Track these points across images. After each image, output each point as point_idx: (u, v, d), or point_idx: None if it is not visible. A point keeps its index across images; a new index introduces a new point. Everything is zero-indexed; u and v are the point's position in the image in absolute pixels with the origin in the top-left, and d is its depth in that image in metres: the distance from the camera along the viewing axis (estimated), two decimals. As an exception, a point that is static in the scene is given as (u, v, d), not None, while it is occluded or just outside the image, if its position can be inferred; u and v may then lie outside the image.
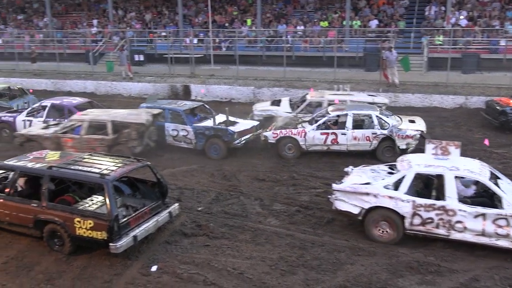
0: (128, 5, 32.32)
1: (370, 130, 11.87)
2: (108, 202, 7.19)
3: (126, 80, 21.65)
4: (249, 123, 13.37)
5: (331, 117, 12.33)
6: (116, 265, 7.31)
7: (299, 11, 27.17)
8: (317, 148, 12.16)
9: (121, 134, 11.90)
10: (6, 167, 8.51)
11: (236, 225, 8.58)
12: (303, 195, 9.92)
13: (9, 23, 33.57)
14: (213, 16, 26.90)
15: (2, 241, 8.08)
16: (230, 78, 20.77)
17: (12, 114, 14.91)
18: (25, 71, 24.79)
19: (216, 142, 12.43)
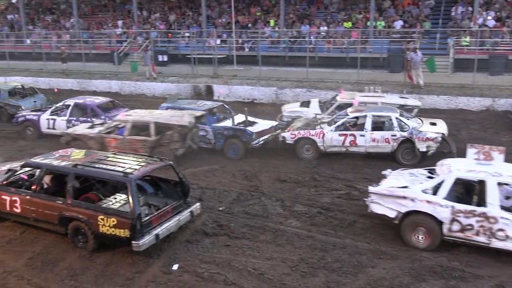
0: (152, 6, 32.67)
1: (390, 132, 11.73)
2: (131, 200, 7.28)
3: (150, 80, 21.90)
4: (268, 123, 13.37)
5: (350, 119, 12.23)
6: (138, 263, 7.39)
7: (323, 11, 27.02)
8: (335, 149, 12.09)
9: (163, 135, 11.80)
10: (33, 164, 8.68)
11: (257, 226, 8.59)
12: (325, 197, 9.86)
13: (37, 24, 34.30)
14: (236, 17, 26.99)
15: (28, 237, 8.26)
16: (252, 78, 20.79)
17: (37, 112, 15.27)
18: (52, 70, 25.30)
19: (235, 142, 12.48)
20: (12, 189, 8.43)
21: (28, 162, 8.84)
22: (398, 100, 13.94)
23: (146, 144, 11.83)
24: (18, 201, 8.24)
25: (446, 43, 21.11)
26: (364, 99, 13.74)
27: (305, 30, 24.66)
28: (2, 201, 8.42)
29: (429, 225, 7.65)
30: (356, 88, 17.67)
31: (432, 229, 7.64)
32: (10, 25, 34.76)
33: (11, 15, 36.44)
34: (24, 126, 15.11)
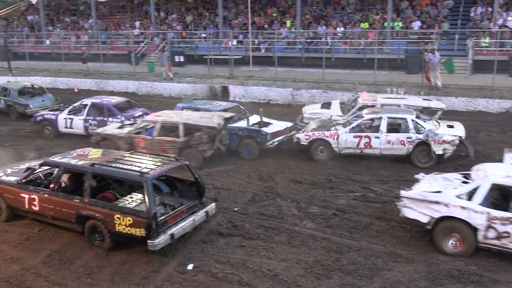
0: (169, 7, 32.87)
1: (405, 134, 11.57)
2: (147, 200, 7.33)
3: (167, 81, 22.05)
4: (283, 124, 13.36)
5: (365, 120, 12.13)
6: (154, 262, 7.44)
7: (339, 12, 26.90)
8: (349, 151, 11.98)
9: (192, 137, 11.72)
10: (51, 163, 8.80)
11: (272, 227, 8.57)
12: (340, 199, 9.81)
13: (57, 25, 34.79)
14: (253, 18, 27.02)
15: (46, 235, 8.38)
16: (268, 79, 20.79)
17: (54, 112, 15.50)
18: (71, 71, 25.63)
19: (249, 143, 12.46)
20: (31, 187, 8.56)
21: (46, 160, 8.97)
22: (421, 102, 13.72)
23: (175, 145, 11.78)
24: (37, 199, 8.37)
25: (465, 44, 20.84)
26: (386, 101, 13.53)
27: (321, 31, 24.58)
28: (21, 199, 8.55)
29: (463, 231, 7.44)
30: (373, 89, 17.57)
31: (466, 235, 7.43)
32: (30, 26, 35.30)
33: (31, 16, 37.02)
34: (42, 125, 15.36)
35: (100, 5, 35.55)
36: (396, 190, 10.03)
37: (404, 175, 10.97)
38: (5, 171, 9.46)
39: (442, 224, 7.61)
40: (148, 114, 14.84)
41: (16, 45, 31.49)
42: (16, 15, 39.89)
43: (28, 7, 40.68)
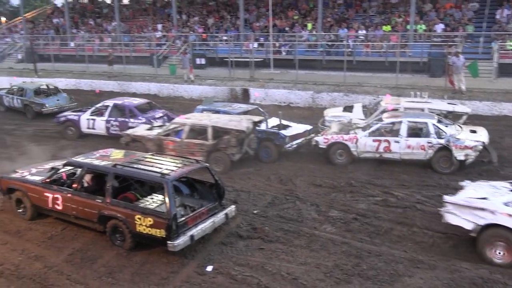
0: (191, 9, 33.14)
1: (426, 139, 11.36)
2: (167, 201, 7.39)
3: (188, 83, 22.21)
4: (302, 127, 13.34)
5: (385, 124, 11.98)
6: (173, 263, 7.49)
7: (361, 15, 26.71)
8: (368, 155, 11.85)
9: (220, 140, 11.67)
10: (74, 163, 8.95)
11: (291, 230, 8.54)
12: (361, 203, 9.72)
13: (81, 27, 35.40)
14: (274, 21, 27.03)
15: (68, 234, 8.52)
16: (289, 82, 20.75)
17: (77, 113, 15.79)
18: (94, 72, 26.05)
19: (268, 145, 12.43)
20: (54, 187, 8.72)
21: (70, 161, 9.12)
22: (445, 106, 13.43)
23: (203, 148, 11.76)
24: (60, 199, 8.52)
25: (490, 47, 20.45)
26: (409, 104, 13.31)
27: (343, 34, 24.44)
28: (44, 198, 8.72)
29: (510, 240, 7.22)
30: (395, 92, 17.37)
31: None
32: (55, 28, 36.01)
33: (56, 19, 37.76)
34: (65, 126, 15.65)
35: (123, 8, 36.07)
36: (418, 195, 9.95)
37: (426, 180, 10.83)
38: (30, 170, 9.66)
39: (488, 232, 7.36)
40: (168, 116, 15.01)
41: (42, 47, 32.14)
42: (42, 18, 40.76)
43: (53, 10, 41.53)
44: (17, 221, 9.04)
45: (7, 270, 7.35)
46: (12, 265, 7.50)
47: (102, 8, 38.69)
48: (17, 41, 34.99)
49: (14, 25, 40.96)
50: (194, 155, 10.98)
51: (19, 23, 38.97)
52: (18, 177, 9.32)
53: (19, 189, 9.12)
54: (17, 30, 38.59)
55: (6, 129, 16.94)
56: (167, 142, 12.26)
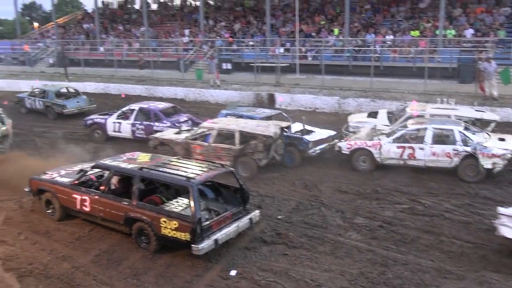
0: (218, 15, 33.43)
1: (451, 146, 11.14)
2: (192, 204, 7.44)
3: (214, 88, 22.34)
4: (326, 132, 13.28)
5: (410, 131, 11.79)
6: (197, 266, 7.52)
7: (389, 20, 26.44)
8: (392, 162, 11.71)
9: (247, 145, 11.66)
10: (102, 166, 9.10)
11: (315, 236, 8.48)
12: (387, 210, 9.58)
13: (110, 33, 36.10)
14: (300, 26, 26.99)
15: (95, 235, 8.66)
16: (315, 87, 20.67)
17: (104, 116, 16.08)
18: (122, 77, 26.50)
19: (291, 150, 12.38)
20: (82, 189, 8.88)
21: (98, 163, 9.28)
22: (473, 113, 13.15)
23: (230, 152, 11.78)
24: (88, 201, 8.67)
25: (523, 53, 19.96)
26: (436, 111, 13.10)
27: (370, 39, 24.23)
28: (73, 199, 8.89)
29: None
30: (423, 99, 17.10)
31: None
32: (86, 33, 36.83)
33: (87, 24, 38.63)
34: (92, 129, 15.97)
35: (151, 14, 36.63)
36: (446, 203, 9.76)
37: (455, 188, 10.62)
38: (59, 172, 9.86)
39: None
40: (193, 120, 15.14)
41: (72, 52, 32.89)
42: (73, 23, 41.75)
43: (84, 16, 42.52)
44: (46, 222, 9.23)
45: (36, 270, 7.51)
46: (40, 265, 7.66)
47: (131, 13, 39.38)
48: (49, 45, 35.92)
49: (46, 30, 42.08)
50: (221, 160, 11.03)
51: (51, 28, 40.02)
52: (47, 179, 9.53)
53: (48, 190, 9.32)
54: (49, 35, 39.61)
55: (37, 132, 17.36)
56: (194, 146, 12.33)
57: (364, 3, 28.53)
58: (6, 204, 10.10)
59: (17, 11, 41.49)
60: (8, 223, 9.19)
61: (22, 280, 7.22)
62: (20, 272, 7.41)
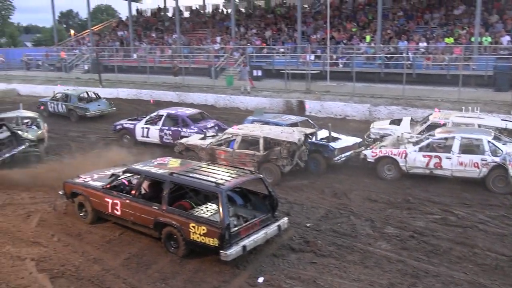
0: (249, 22, 33.66)
1: (480, 156, 10.88)
2: (221, 210, 7.47)
3: (244, 94, 22.42)
4: (352, 140, 13.23)
5: (437, 139, 11.60)
6: (225, 272, 7.53)
7: (422, 27, 26.03)
8: (418, 171, 11.52)
9: (271, 151, 11.71)
10: (133, 170, 9.25)
11: (344, 245, 8.38)
12: (418, 220, 9.38)
13: (144, 40, 36.82)
14: (331, 33, 26.88)
15: (126, 239, 8.79)
16: (345, 94, 20.51)
17: (133, 122, 16.41)
18: (154, 83, 26.94)
19: (316, 157, 12.33)
20: (114, 193, 9.04)
21: (129, 168, 9.43)
22: (498, 123, 12.94)
23: (254, 158, 11.82)
24: (119, 204, 8.82)
25: (563, 61, 19.30)
26: (459, 119, 12.97)
27: (402, 46, 23.90)
28: (105, 203, 9.06)
29: None
30: (457, 107, 16.72)
31: None
32: (120, 40, 37.68)
33: (121, 32, 39.52)
34: (121, 134, 16.33)
35: (184, 21, 37.20)
36: (480, 214, 9.49)
37: (489, 199, 10.33)
38: (92, 176, 10.08)
39: None
40: (219, 126, 15.29)
41: (107, 58, 33.69)
42: (108, 31, 42.83)
43: (118, 23, 43.55)
44: (78, 224, 9.44)
45: (68, 271, 7.67)
46: (72, 266, 7.82)
47: (164, 21, 40.09)
48: (84, 52, 36.92)
49: (82, 37, 43.30)
50: (245, 166, 11.10)
51: (87, 36, 41.14)
52: (81, 182, 9.76)
53: (81, 194, 9.53)
54: (85, 42, 40.72)
55: (71, 136, 17.81)
56: (219, 151, 12.43)
57: (397, 10, 28.21)
58: (41, 206, 10.40)
59: (55, 19, 42.79)
60: (42, 225, 9.44)
61: (55, 281, 7.38)
62: (53, 273, 7.58)
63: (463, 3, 26.13)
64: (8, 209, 10.29)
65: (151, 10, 44.73)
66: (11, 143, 13.06)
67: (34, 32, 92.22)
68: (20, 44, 73.20)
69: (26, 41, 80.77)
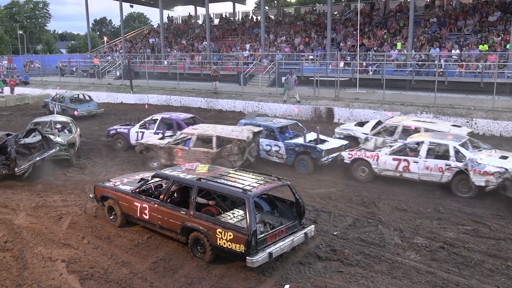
0: (279, 29, 33.74)
1: (444, 161, 11.21)
2: (248, 216, 7.47)
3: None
4: (338, 142, 13.97)
5: (409, 144, 11.97)
6: (251, 279, 7.51)
7: (455, 34, 25.55)
8: (389, 173, 12.02)
9: (223, 148, 12.83)
10: (162, 175, 9.37)
11: (372, 254, 8.25)
12: (449, 231, 9.16)
13: (174, 47, 37.36)
14: (362, 40, 26.67)
15: (153, 243, 8.89)
16: (375, 102, 20.29)
17: (126, 126, 16.78)
18: (184, 89, 27.29)
19: (305, 158, 13.18)
20: (143, 197, 9.17)
21: (158, 173, 9.56)
22: (445, 128, 13.35)
23: (208, 155, 12.87)
24: (147, 209, 8.94)
25: None
26: (410, 123, 13.73)
27: (434, 53, 23.49)
28: (134, 207, 9.20)
29: None
30: (491, 115, 16.35)
31: None
32: (151, 47, 38.35)
33: (152, 39, 40.22)
34: (115, 139, 16.68)
35: (214, 28, 37.57)
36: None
37: (524, 211, 10.00)
38: (122, 180, 10.26)
39: None
40: None
41: (138, 65, 34.33)
42: (139, 38, 43.66)
43: (150, 31, 44.37)
44: (108, 227, 9.61)
45: (97, 273, 7.80)
46: (101, 269, 7.95)
47: (194, 28, 40.61)
48: (116, 59, 37.73)
49: (114, 44, 44.29)
50: (200, 162, 12.03)
51: (119, 42, 42.05)
52: (111, 186, 9.94)
53: (111, 197, 9.70)
54: (117, 49, 41.62)
55: (103, 141, 18.15)
56: (176, 150, 13.38)
57: (430, 16, 27.79)
58: (72, 209, 10.64)
59: (89, 26, 43.94)
60: (73, 227, 9.65)
61: (84, 282, 7.52)
62: (82, 275, 7.73)
63: (499, 9, 25.54)
64: (41, 211, 10.57)
65: (182, 17, 45.44)
66: (42, 147, 13.42)
67: (69, 39, 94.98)
68: (56, 51, 75.52)
69: (61, 48, 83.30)
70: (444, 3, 29.31)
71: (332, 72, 24.44)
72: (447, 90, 21.10)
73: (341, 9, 35.23)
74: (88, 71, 37.93)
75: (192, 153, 13.06)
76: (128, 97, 28.22)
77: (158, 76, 32.70)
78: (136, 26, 68.61)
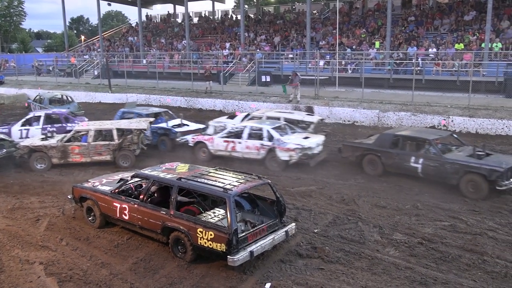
0: (258, 28, 33.76)
1: (259, 142, 13.52)
2: (229, 215, 7.46)
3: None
4: (196, 126, 16.42)
5: (235, 129, 14.39)
6: (232, 278, 7.51)
7: (432, 33, 25.97)
8: (222, 153, 14.21)
9: (125, 139, 14.03)
10: (141, 175, 9.29)
11: (352, 251, 8.33)
12: (427, 227, 9.30)
13: (153, 45, 37.06)
14: (340, 39, 26.87)
15: (133, 243, 8.81)
16: (354, 100, 20.48)
17: (5, 126, 16.66)
18: (163, 88, 27.10)
19: (165, 139, 15.71)
20: (122, 197, 9.08)
21: (137, 173, 9.47)
22: (298, 117, 15.75)
23: (110, 147, 13.96)
24: (127, 209, 8.85)
25: None
26: (273, 114, 15.99)
27: (412, 52, 23.83)
28: (113, 207, 9.10)
29: None
30: (467, 113, 16.64)
31: None
32: (130, 46, 37.96)
33: (131, 37, 39.82)
34: None
35: (193, 27, 37.39)
36: (490, 221, 9.40)
37: (501, 206, 10.25)
38: (101, 181, 10.14)
39: None
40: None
41: (116, 64, 33.94)
42: (118, 37, 43.18)
43: (128, 29, 43.92)
44: (87, 229, 9.48)
45: (76, 275, 7.70)
46: (80, 270, 7.85)
47: (173, 27, 40.34)
48: (94, 58, 37.24)
49: (92, 43, 43.69)
50: (101, 155, 13.87)
51: (97, 41, 41.51)
52: (89, 187, 9.81)
53: (90, 198, 9.58)
54: (95, 48, 41.09)
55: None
56: (72, 147, 14.04)
57: (407, 16, 28.17)
58: (50, 210, 10.47)
59: (65, 25, 43.22)
60: (51, 229, 9.49)
61: (63, 285, 7.41)
62: (61, 277, 7.61)
63: (474, 9, 26.04)
64: (18, 213, 10.38)
65: (161, 16, 45.10)
66: None
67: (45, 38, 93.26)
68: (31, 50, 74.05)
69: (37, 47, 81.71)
70: (421, 3, 29.75)
71: (312, 71, 24.56)
72: (425, 88, 21.42)
73: (320, 8, 35.46)
74: (65, 71, 37.34)
75: (92, 148, 13.95)
76: (106, 97, 27.90)
77: (137, 75, 32.42)
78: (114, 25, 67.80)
